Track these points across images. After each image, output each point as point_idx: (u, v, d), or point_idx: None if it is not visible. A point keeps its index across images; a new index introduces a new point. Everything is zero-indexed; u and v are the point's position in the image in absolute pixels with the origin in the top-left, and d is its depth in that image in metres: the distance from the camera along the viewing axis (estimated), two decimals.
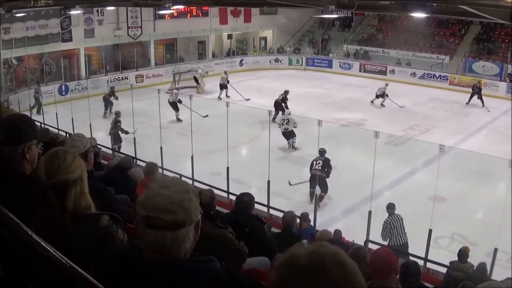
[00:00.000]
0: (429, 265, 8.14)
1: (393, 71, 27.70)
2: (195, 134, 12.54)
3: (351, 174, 13.23)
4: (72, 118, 15.52)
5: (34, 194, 1.97)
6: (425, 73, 26.78)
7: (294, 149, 15.77)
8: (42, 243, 1.15)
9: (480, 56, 26.73)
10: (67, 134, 11.53)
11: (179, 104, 18.50)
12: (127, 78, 24.76)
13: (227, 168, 11.35)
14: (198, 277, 1.44)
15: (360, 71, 28.69)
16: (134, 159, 11.58)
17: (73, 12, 21.10)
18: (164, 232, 1.45)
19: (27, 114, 15.10)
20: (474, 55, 27.00)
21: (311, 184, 11.67)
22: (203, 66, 25.57)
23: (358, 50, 30.00)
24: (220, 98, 22.51)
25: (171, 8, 18.43)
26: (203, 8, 27.76)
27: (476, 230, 10.45)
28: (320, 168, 11.64)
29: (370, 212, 9.45)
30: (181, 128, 16.70)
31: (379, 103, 21.60)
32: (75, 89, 22.67)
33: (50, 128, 13.17)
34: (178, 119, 18.67)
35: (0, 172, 2.15)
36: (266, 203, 10.13)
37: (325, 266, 1.03)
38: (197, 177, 11.59)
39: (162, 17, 26.97)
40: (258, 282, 2.00)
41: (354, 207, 10.73)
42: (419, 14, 12.50)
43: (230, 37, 31.03)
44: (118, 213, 2.17)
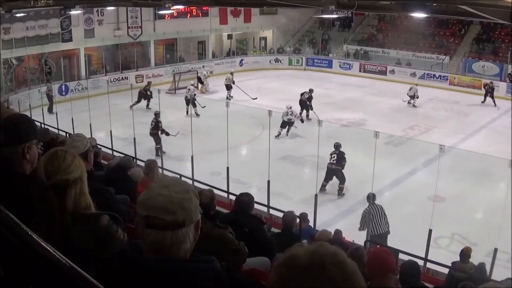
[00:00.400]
0: (429, 265, 8.14)
1: (393, 71, 27.70)
2: (195, 134, 12.55)
3: (351, 174, 13.21)
4: (72, 118, 15.52)
5: (34, 194, 1.97)
6: (425, 73, 26.78)
7: (286, 135, 16.69)
8: (42, 243, 1.15)
9: (480, 56, 26.73)
10: (67, 134, 11.53)
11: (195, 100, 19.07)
12: (127, 78, 24.76)
13: (227, 168, 11.35)
14: (198, 277, 1.44)
15: (360, 71, 28.70)
16: (134, 159, 11.58)
17: (73, 12, 21.11)
18: (164, 232, 1.45)
19: (31, 113, 15.13)
20: (474, 55, 26.99)
21: (326, 177, 12.27)
22: (208, 68, 25.56)
23: (358, 50, 30.00)
24: (231, 97, 22.58)
25: (171, 8, 18.45)
26: (203, 8, 27.76)
27: (476, 230, 10.45)
28: (335, 161, 12.19)
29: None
30: (181, 128, 16.68)
31: (412, 104, 21.53)
32: (75, 89, 22.71)
33: (50, 128, 13.16)
34: (197, 114, 18.95)
35: (0, 172, 2.15)
36: (266, 203, 10.13)
37: (324, 266, 1.03)
38: (197, 177, 11.59)
39: (162, 17, 26.96)
40: (258, 282, 2.00)
41: (354, 207, 10.72)
42: (419, 14, 12.50)
43: (230, 37, 31.03)
44: (118, 213, 2.17)
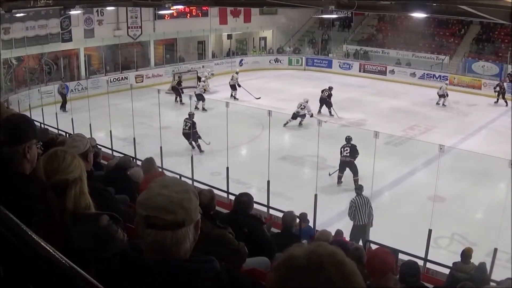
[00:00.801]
0: (428, 265, 8.14)
1: (393, 71, 27.71)
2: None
3: (351, 174, 13.23)
4: (72, 118, 15.52)
5: (34, 194, 1.97)
6: (425, 73, 26.79)
7: (301, 125, 17.73)
8: (42, 243, 1.15)
9: (480, 56, 26.73)
10: (67, 134, 11.52)
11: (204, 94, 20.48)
12: (127, 78, 24.76)
13: (227, 168, 11.35)
14: (198, 277, 1.44)
15: (360, 71, 28.70)
16: (134, 159, 11.58)
17: (73, 12, 21.10)
18: (164, 232, 1.45)
19: (31, 113, 15.12)
20: (474, 55, 27.00)
21: (340, 169, 12.85)
22: (209, 69, 25.47)
23: (358, 50, 30.00)
24: (236, 98, 22.66)
25: (171, 8, 18.45)
26: (203, 8, 27.75)
27: (476, 230, 10.45)
28: (348, 154, 12.63)
29: None
30: (181, 128, 16.68)
31: (442, 103, 21.49)
32: (75, 89, 22.73)
33: (50, 128, 13.15)
34: (204, 109, 20.35)
35: (0, 172, 2.15)
36: (266, 203, 10.13)
37: (323, 266, 1.03)
38: (196, 177, 11.58)
39: (162, 17, 26.96)
40: (258, 282, 2.00)
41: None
42: (419, 14, 12.51)
43: (230, 37, 31.02)
44: (117, 213, 2.17)
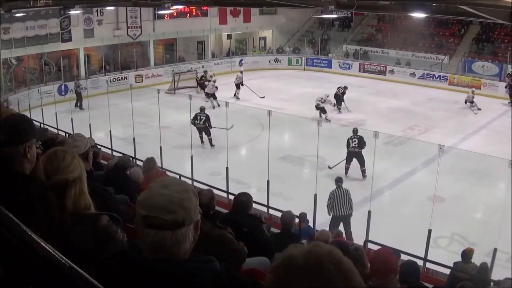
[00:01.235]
0: (428, 265, 8.14)
1: (392, 71, 27.70)
2: (195, 134, 12.56)
3: (351, 174, 13.23)
4: (71, 118, 15.51)
5: (34, 194, 1.96)
6: (424, 73, 26.78)
7: (328, 121, 18.56)
8: (42, 243, 1.15)
9: (479, 56, 26.73)
10: (67, 134, 11.52)
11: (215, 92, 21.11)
12: (127, 78, 24.75)
13: (227, 168, 11.35)
14: (198, 277, 1.44)
15: (359, 71, 28.69)
16: (134, 159, 11.57)
17: (72, 12, 21.10)
18: (164, 231, 1.45)
19: (31, 113, 15.11)
20: (473, 55, 26.99)
21: (348, 160, 13.10)
22: (210, 72, 25.32)
23: (357, 50, 29.99)
24: (238, 98, 22.81)
25: (171, 8, 18.45)
26: (203, 8, 27.75)
27: (475, 230, 10.44)
28: (357, 145, 12.94)
29: (369, 212, 9.44)
30: (180, 128, 16.69)
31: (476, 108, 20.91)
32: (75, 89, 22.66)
33: (50, 128, 13.15)
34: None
35: (1, 172, 2.14)
36: (265, 203, 10.13)
37: (322, 266, 1.03)
38: (196, 177, 11.58)
39: (161, 17, 26.96)
40: (258, 282, 2.00)
41: (353, 207, 10.69)
42: (419, 14, 12.53)
43: (229, 37, 31.02)
44: (117, 213, 2.17)
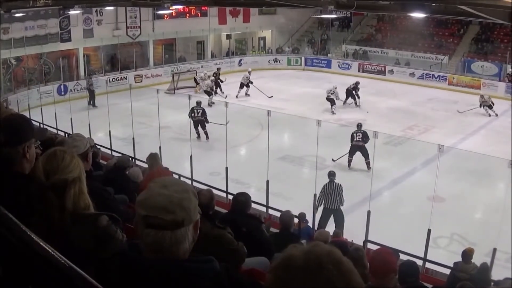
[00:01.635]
0: (428, 265, 8.14)
1: (392, 71, 27.70)
2: (194, 134, 12.57)
3: (350, 174, 13.23)
4: (71, 118, 15.50)
5: (33, 194, 1.96)
6: (424, 73, 26.78)
7: (333, 114, 19.70)
8: (41, 243, 1.15)
9: (479, 56, 26.72)
10: (66, 134, 11.51)
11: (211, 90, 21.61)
12: (126, 78, 24.72)
13: (226, 168, 11.35)
14: (198, 277, 1.44)
15: (359, 71, 28.66)
16: (133, 159, 11.57)
17: (72, 12, 21.07)
18: (163, 231, 1.45)
19: (30, 113, 15.11)
20: (473, 55, 27.00)
21: (351, 153, 13.69)
22: (206, 71, 25.17)
23: (357, 50, 29.99)
24: (237, 96, 22.89)
25: (170, 8, 18.41)
26: (202, 8, 27.73)
27: (475, 230, 10.44)
28: (360, 139, 13.54)
29: (369, 212, 9.43)
30: (180, 128, 16.69)
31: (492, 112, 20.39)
32: (74, 89, 22.66)
33: (49, 128, 13.14)
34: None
35: (0, 172, 2.14)
36: (265, 203, 10.12)
37: (322, 266, 1.03)
38: (196, 177, 11.57)
39: (161, 17, 26.94)
40: (257, 283, 2.00)
41: (353, 207, 10.71)
42: (418, 14, 12.52)
43: (229, 37, 31.01)
44: (117, 213, 2.17)
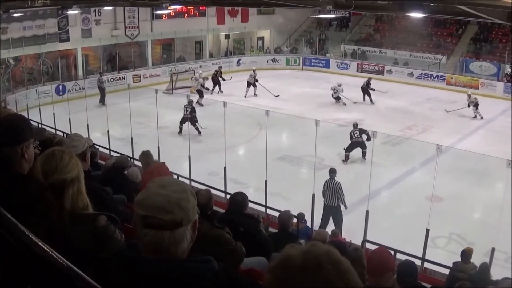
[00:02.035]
0: (426, 264, 8.15)
1: (390, 71, 27.72)
2: (193, 134, 12.57)
3: (349, 174, 13.24)
4: (69, 118, 15.48)
5: (32, 194, 1.96)
6: (422, 73, 26.80)
7: (345, 105, 21.18)
8: (40, 243, 1.15)
9: (477, 56, 26.74)
10: (64, 134, 11.50)
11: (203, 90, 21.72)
12: (125, 78, 24.71)
13: (225, 168, 11.35)
14: (197, 277, 1.44)
15: (357, 71, 28.65)
16: (132, 159, 11.57)
17: (70, 12, 21.08)
18: (162, 231, 1.45)
19: (28, 113, 15.08)
20: (471, 55, 27.01)
21: (349, 149, 14.50)
22: (201, 71, 25.01)
23: (355, 50, 30.00)
24: (245, 96, 22.95)
25: (168, 8, 18.39)
26: (201, 8, 27.70)
27: (474, 230, 10.45)
28: (359, 136, 14.47)
29: (367, 212, 9.45)
30: (178, 128, 16.69)
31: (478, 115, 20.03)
32: (73, 89, 22.65)
33: (48, 128, 13.12)
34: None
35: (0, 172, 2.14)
36: (263, 203, 10.12)
37: (321, 265, 1.04)
38: (194, 177, 11.57)
39: (159, 17, 26.91)
40: (256, 282, 2.00)
41: (351, 207, 10.71)
42: (417, 14, 12.52)
43: (227, 37, 31.01)
44: (115, 213, 2.17)
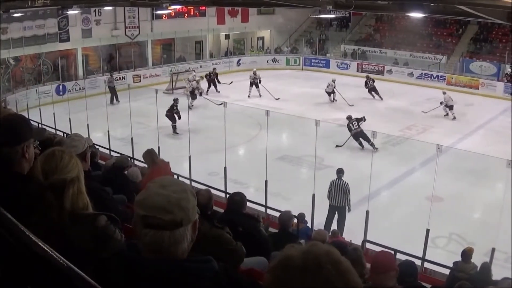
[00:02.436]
0: (426, 264, 8.15)
1: (390, 71, 27.72)
2: (193, 134, 12.57)
3: (349, 174, 13.21)
4: (69, 118, 15.49)
5: (32, 194, 1.96)
6: (422, 73, 26.79)
7: (334, 101, 21.76)
8: (40, 243, 1.15)
9: (477, 56, 26.73)
10: (65, 134, 11.50)
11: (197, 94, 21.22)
12: (125, 78, 24.71)
13: (225, 168, 11.35)
14: (197, 277, 1.44)
15: (357, 71, 28.62)
16: (132, 159, 11.57)
17: (70, 12, 21.08)
18: (162, 231, 1.45)
19: (29, 113, 15.08)
20: (471, 55, 27.01)
21: (355, 139, 15.15)
22: (195, 73, 24.84)
23: (355, 50, 30.00)
24: (260, 95, 22.97)
25: (169, 8, 18.41)
26: (201, 8, 27.72)
27: (474, 230, 10.45)
28: (357, 126, 15.09)
29: (367, 212, 9.45)
30: (178, 128, 16.70)
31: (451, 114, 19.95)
32: (73, 89, 22.66)
33: (48, 128, 13.12)
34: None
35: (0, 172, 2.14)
36: (263, 204, 10.12)
37: (321, 265, 1.04)
38: (194, 177, 11.58)
39: (159, 17, 26.93)
40: (256, 283, 2.00)
41: (351, 207, 10.72)
42: (417, 14, 12.52)
43: (227, 37, 31.02)
44: (115, 213, 2.17)
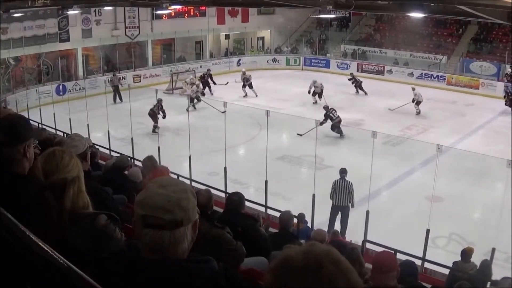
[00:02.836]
0: (426, 265, 8.15)
1: (390, 71, 27.72)
2: (193, 134, 12.55)
3: (349, 174, 13.20)
4: (69, 119, 15.49)
5: (32, 194, 1.96)
6: (422, 73, 26.78)
7: (314, 103, 21.81)
8: (40, 243, 1.15)
9: (477, 56, 26.73)
10: (65, 134, 11.50)
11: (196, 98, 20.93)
12: (125, 78, 24.68)
13: (225, 168, 11.35)
14: (197, 277, 1.44)
15: (357, 71, 28.54)
16: (132, 159, 11.57)
17: (70, 12, 21.08)
18: (162, 231, 1.45)
19: (29, 113, 15.08)
20: (471, 55, 27.00)
21: (335, 130, 16.41)
22: (191, 76, 24.91)
23: (355, 50, 30.00)
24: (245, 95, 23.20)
25: (169, 8, 18.43)
26: (201, 8, 27.73)
27: (474, 230, 10.46)
28: (338, 115, 16.36)
29: (367, 212, 9.45)
30: (178, 128, 16.69)
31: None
32: (73, 89, 22.66)
33: (48, 128, 13.12)
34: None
35: (0, 172, 2.14)
36: (264, 203, 10.12)
37: (321, 265, 1.03)
38: (194, 177, 11.58)
39: (159, 17, 26.94)
40: (256, 283, 2.00)
41: (354, 200, 10.70)
42: (417, 14, 12.52)
43: (227, 37, 31.03)
44: (115, 213, 2.17)
